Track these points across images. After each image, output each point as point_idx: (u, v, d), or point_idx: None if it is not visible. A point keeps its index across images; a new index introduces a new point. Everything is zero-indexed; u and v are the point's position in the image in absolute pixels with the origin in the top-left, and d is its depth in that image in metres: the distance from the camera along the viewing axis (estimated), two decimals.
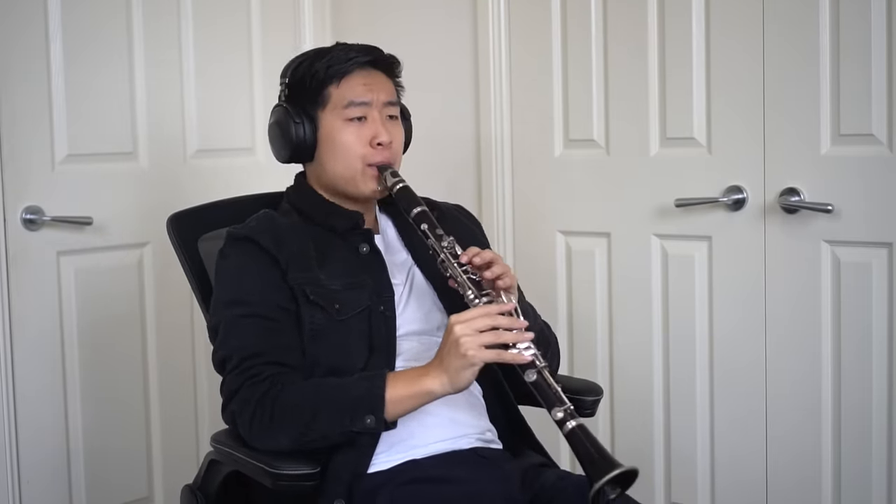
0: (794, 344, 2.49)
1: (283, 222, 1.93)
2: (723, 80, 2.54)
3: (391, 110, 1.99)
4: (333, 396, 1.74)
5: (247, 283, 1.86)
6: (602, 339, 2.80)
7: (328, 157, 1.95)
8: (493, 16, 2.89)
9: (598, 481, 1.55)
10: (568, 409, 1.63)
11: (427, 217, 1.87)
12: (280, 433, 1.74)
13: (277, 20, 3.13)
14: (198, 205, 2.21)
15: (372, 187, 1.94)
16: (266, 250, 1.86)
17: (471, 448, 1.85)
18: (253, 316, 1.83)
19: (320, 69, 1.94)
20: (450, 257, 1.81)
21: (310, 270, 1.87)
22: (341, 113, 1.93)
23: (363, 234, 1.95)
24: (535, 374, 1.66)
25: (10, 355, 2.61)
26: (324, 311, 1.84)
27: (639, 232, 2.71)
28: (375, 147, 1.93)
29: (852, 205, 2.38)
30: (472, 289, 1.77)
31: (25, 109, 2.62)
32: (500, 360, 1.67)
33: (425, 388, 1.71)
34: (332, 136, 1.94)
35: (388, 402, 1.71)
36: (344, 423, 1.71)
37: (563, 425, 1.62)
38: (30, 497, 2.66)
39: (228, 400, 1.80)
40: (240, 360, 1.80)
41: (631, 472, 1.57)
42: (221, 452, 1.88)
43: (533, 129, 2.88)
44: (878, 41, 2.32)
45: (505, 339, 1.67)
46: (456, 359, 1.67)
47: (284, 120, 1.96)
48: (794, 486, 2.52)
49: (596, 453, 1.59)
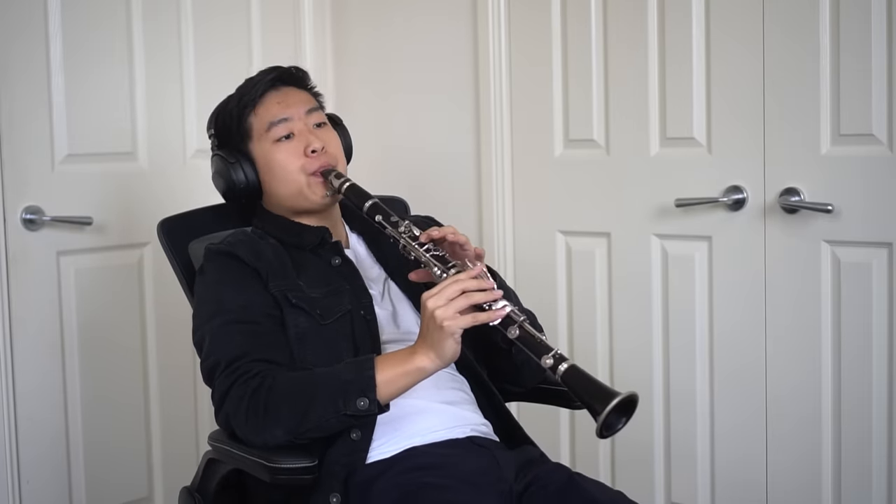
0: (795, 344, 2.49)
1: (258, 239, 1.98)
2: (723, 80, 2.54)
3: (316, 117, 2.03)
4: (325, 382, 1.75)
5: (227, 294, 1.89)
6: (602, 339, 2.80)
7: (272, 182, 2.00)
8: (493, 16, 2.89)
9: (601, 413, 1.57)
10: (556, 353, 1.66)
11: (380, 208, 1.91)
12: (275, 425, 1.75)
13: (277, 20, 3.13)
14: (187, 210, 2.22)
15: (321, 193, 1.98)
16: (246, 262, 1.90)
17: (467, 437, 1.87)
18: (237, 322, 1.85)
19: (234, 106, 2.01)
20: (409, 240, 1.84)
21: (289, 278, 1.91)
22: (267, 137, 1.99)
23: (333, 247, 1.99)
24: (517, 328, 1.69)
25: (10, 355, 2.61)
26: (307, 315, 1.87)
27: (639, 232, 2.71)
28: (310, 155, 1.97)
29: (852, 205, 2.38)
30: (437, 264, 1.80)
31: (25, 109, 2.62)
32: (477, 321, 1.69)
33: (415, 364, 1.73)
34: (268, 161, 1.99)
35: (380, 384, 1.73)
36: (337, 406, 1.72)
37: (556, 370, 1.64)
38: (30, 497, 2.66)
39: (221, 402, 1.81)
40: (227, 363, 1.81)
41: (631, 398, 1.60)
42: (219, 451, 1.88)
43: (533, 130, 2.88)
44: (878, 41, 2.32)
45: (475, 299, 1.70)
46: (435, 332, 1.69)
47: (222, 166, 2.02)
48: (795, 485, 2.52)
49: (593, 388, 1.61)
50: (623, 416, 1.62)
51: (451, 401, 1.90)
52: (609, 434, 1.62)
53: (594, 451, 2.82)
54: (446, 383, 1.92)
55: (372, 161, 2.93)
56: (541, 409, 2.23)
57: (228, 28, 3.03)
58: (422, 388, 1.81)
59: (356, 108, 3.11)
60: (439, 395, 1.89)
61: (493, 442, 1.91)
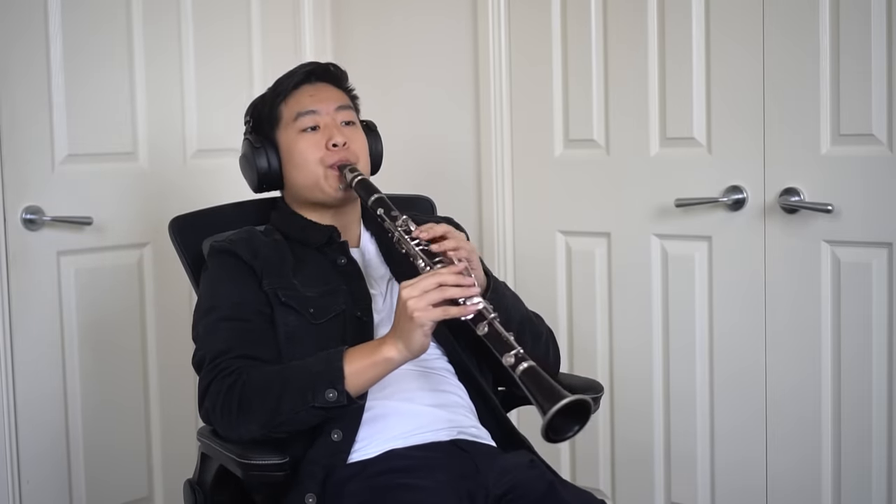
0: (794, 344, 2.49)
1: (262, 237, 2.00)
2: (723, 80, 2.54)
3: (344, 115, 2.06)
4: (295, 376, 1.77)
5: (222, 290, 1.92)
6: (602, 339, 2.80)
7: (291, 170, 2.03)
8: (493, 16, 2.89)
9: (547, 413, 1.56)
10: (518, 353, 1.66)
11: (383, 202, 1.92)
12: (250, 419, 1.76)
13: (277, 20, 3.13)
14: (200, 209, 2.25)
15: (335, 186, 2.00)
16: (243, 260, 1.93)
17: (450, 440, 1.86)
18: (227, 319, 1.88)
19: (269, 95, 2.07)
20: (402, 234, 1.85)
21: (284, 277, 1.93)
22: (294, 126, 2.02)
23: (339, 247, 2.01)
24: (486, 325, 1.69)
25: (10, 355, 2.61)
26: (297, 313, 1.89)
27: (639, 232, 2.71)
28: (331, 149, 2.00)
29: (852, 205, 2.38)
30: (423, 258, 1.81)
31: (25, 109, 2.62)
32: (448, 315, 1.70)
33: (382, 355, 1.73)
34: (290, 149, 2.03)
35: (349, 375, 1.73)
36: (306, 399, 1.73)
37: (516, 368, 1.64)
38: (30, 496, 2.66)
39: (202, 398, 1.84)
40: (211, 359, 1.84)
41: (581, 402, 1.58)
42: (206, 446, 1.92)
43: (533, 130, 2.88)
44: (878, 41, 2.32)
45: (450, 294, 1.70)
46: (405, 322, 1.70)
47: (248, 150, 2.06)
48: (794, 485, 2.52)
49: (546, 389, 1.61)
50: (575, 424, 1.61)
51: (442, 404, 1.89)
52: (558, 439, 1.61)
53: (594, 453, 2.82)
54: (443, 387, 1.92)
55: None
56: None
57: (229, 28, 3.03)
58: (413, 390, 1.82)
59: None
60: (430, 398, 1.89)
61: (479, 446, 1.89)
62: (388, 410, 1.83)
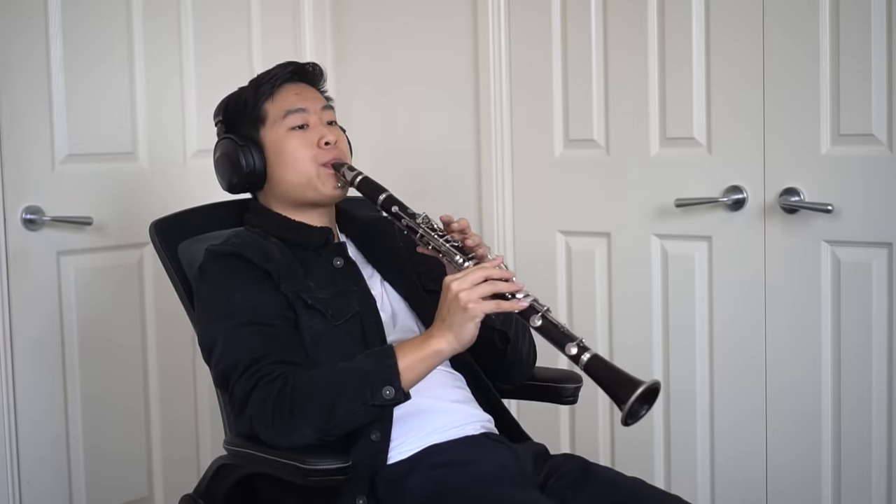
0: (794, 344, 2.49)
1: (260, 239, 1.95)
2: (723, 80, 2.54)
3: (329, 115, 2.04)
4: (347, 376, 1.74)
5: (238, 296, 1.85)
6: (602, 339, 2.80)
7: (280, 170, 1.98)
8: (493, 16, 2.89)
9: (626, 402, 1.60)
10: (580, 342, 1.68)
11: (395, 200, 1.91)
12: (303, 424, 1.72)
13: (277, 20, 3.13)
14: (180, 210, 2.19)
15: (331, 185, 1.97)
16: (255, 263, 1.87)
17: (481, 434, 1.88)
18: (250, 324, 1.82)
19: (250, 94, 2.01)
20: (429, 231, 1.85)
21: (300, 279, 1.89)
22: (282, 124, 1.98)
23: (336, 248, 1.99)
24: (539, 318, 1.70)
25: (10, 355, 2.61)
26: (322, 315, 1.86)
27: (639, 232, 2.71)
28: (323, 147, 1.97)
29: (852, 205, 2.38)
30: (459, 253, 1.81)
31: (25, 109, 2.62)
32: (500, 309, 1.71)
33: (433, 347, 1.73)
34: (279, 147, 1.98)
35: (402, 371, 1.72)
36: (364, 397, 1.71)
37: (579, 359, 1.67)
38: (30, 497, 2.66)
39: (242, 406, 1.77)
40: (246, 367, 1.78)
41: (654, 387, 1.63)
42: (240, 456, 1.84)
43: (533, 130, 2.88)
44: (878, 41, 2.33)
45: (501, 288, 1.71)
46: (457, 314, 1.70)
47: (231, 148, 2.00)
48: (795, 484, 2.52)
49: (617, 377, 1.65)
50: (645, 404, 1.64)
51: (458, 399, 1.91)
52: (633, 422, 1.64)
53: (594, 447, 2.82)
54: (449, 382, 1.92)
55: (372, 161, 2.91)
56: (540, 406, 2.23)
57: (229, 28, 3.03)
58: (429, 387, 1.81)
59: (356, 108, 3.11)
60: (446, 394, 1.89)
61: (504, 437, 1.92)
62: (415, 408, 1.81)
